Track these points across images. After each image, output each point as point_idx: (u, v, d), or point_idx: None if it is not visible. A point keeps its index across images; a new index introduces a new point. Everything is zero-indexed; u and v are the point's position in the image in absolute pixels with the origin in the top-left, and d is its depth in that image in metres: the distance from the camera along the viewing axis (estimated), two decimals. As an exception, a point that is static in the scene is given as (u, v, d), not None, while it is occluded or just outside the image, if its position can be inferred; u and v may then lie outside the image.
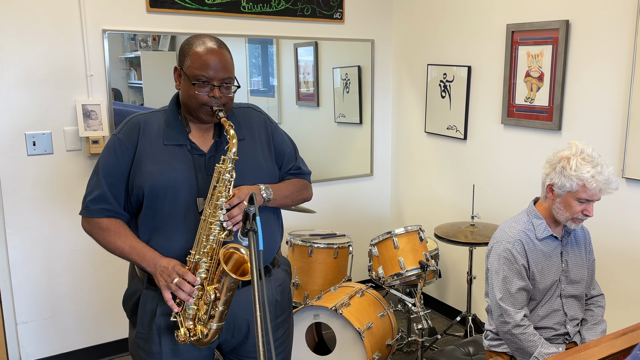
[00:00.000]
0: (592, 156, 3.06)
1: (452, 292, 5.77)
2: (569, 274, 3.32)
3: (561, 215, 3.17)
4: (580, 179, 3.02)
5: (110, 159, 2.68)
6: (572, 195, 3.08)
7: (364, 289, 4.60)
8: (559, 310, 3.32)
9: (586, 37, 4.19)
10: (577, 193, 3.06)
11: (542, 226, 3.25)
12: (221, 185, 2.54)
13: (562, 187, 3.09)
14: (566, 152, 3.12)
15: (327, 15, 5.54)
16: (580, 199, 3.08)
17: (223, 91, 2.62)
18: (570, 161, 3.05)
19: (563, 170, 3.06)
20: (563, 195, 3.12)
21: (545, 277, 3.25)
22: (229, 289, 2.51)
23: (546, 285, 3.26)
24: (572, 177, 3.03)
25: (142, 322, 2.72)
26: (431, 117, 5.65)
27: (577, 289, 3.36)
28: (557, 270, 3.28)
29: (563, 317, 3.33)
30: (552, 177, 3.12)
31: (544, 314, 3.31)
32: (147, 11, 4.72)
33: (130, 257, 2.65)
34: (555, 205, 3.17)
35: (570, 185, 3.05)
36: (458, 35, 5.25)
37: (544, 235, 3.24)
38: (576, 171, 3.02)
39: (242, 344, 2.81)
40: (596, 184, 3.01)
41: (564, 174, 3.06)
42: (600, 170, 3.02)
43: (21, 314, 4.65)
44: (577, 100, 4.30)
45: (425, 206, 5.94)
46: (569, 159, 3.07)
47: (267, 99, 5.51)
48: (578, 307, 3.39)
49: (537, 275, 3.23)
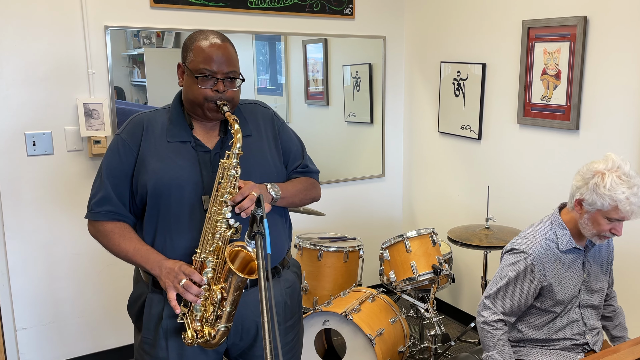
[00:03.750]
0: (629, 175, 2.97)
1: (466, 297, 5.77)
2: (589, 284, 3.28)
3: (587, 231, 3.10)
4: (613, 199, 2.93)
5: (113, 159, 2.71)
6: (602, 214, 3.00)
7: (375, 294, 4.61)
8: (578, 320, 3.29)
9: (604, 34, 4.20)
10: (607, 212, 2.98)
11: (565, 237, 3.19)
12: (226, 182, 2.55)
13: (592, 204, 3.00)
14: (601, 165, 3.01)
15: (337, 11, 5.56)
16: (610, 218, 3.01)
17: (227, 85, 2.65)
18: (605, 178, 2.95)
19: (596, 187, 2.96)
20: (592, 212, 3.03)
21: (564, 289, 3.21)
22: (237, 289, 2.53)
23: (565, 297, 3.22)
24: (604, 196, 2.94)
25: (147, 327, 2.74)
26: (444, 116, 5.66)
27: (597, 299, 3.33)
28: (577, 282, 3.24)
29: (582, 328, 3.30)
30: (583, 192, 3.03)
31: (562, 325, 3.28)
32: (150, 7, 4.75)
33: (134, 259, 2.67)
34: (583, 220, 3.09)
35: (602, 204, 2.96)
36: (472, 31, 5.26)
37: (567, 248, 3.18)
38: (610, 190, 2.92)
39: (250, 347, 2.83)
40: (630, 206, 2.94)
41: (597, 191, 2.96)
42: (637, 192, 2.93)
43: (21, 320, 4.67)
44: (596, 99, 4.30)
45: (438, 208, 5.94)
46: (603, 176, 2.96)
47: (275, 98, 5.53)
48: (596, 316, 3.38)
49: (555, 287, 3.19)
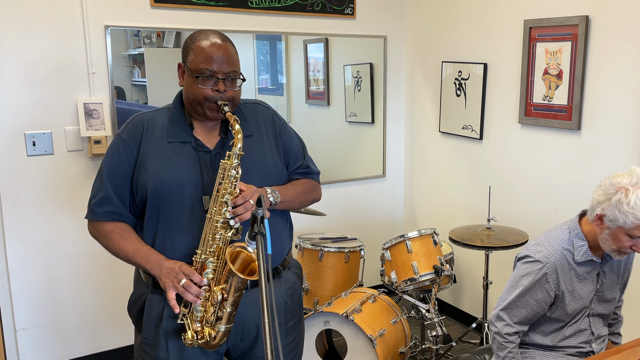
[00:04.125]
0: None
1: (468, 297, 5.78)
2: (602, 294, 3.24)
3: (607, 246, 3.02)
4: (637, 218, 2.84)
5: (114, 159, 2.72)
6: (624, 231, 2.91)
7: (376, 295, 4.61)
8: (586, 329, 3.26)
9: (607, 33, 4.20)
10: (630, 230, 2.89)
11: (582, 249, 3.12)
12: (227, 182, 2.55)
13: (614, 221, 2.91)
14: (625, 180, 2.91)
15: (338, 10, 5.56)
16: (632, 236, 2.92)
17: (228, 85, 2.65)
18: (629, 195, 2.84)
19: (619, 204, 2.86)
20: (613, 228, 2.94)
21: (576, 299, 3.17)
22: (237, 289, 2.53)
23: (575, 308, 3.18)
24: (628, 213, 2.84)
25: (148, 327, 2.74)
26: (446, 116, 5.66)
27: (607, 308, 3.30)
28: (589, 294, 3.19)
29: (590, 337, 3.27)
30: (605, 207, 2.93)
31: (569, 333, 3.25)
32: (151, 6, 4.75)
33: (134, 260, 2.68)
34: (603, 235, 3.00)
35: (624, 221, 2.86)
36: (474, 31, 5.26)
37: (583, 259, 3.12)
38: (634, 209, 2.83)
39: (251, 348, 2.84)
40: None
41: (620, 209, 2.86)
42: None
43: (20, 321, 4.67)
44: (598, 99, 4.30)
45: (440, 209, 5.95)
46: (627, 192, 2.85)
47: (276, 98, 5.53)
48: (604, 325, 3.35)
49: (567, 297, 3.15)
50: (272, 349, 1.86)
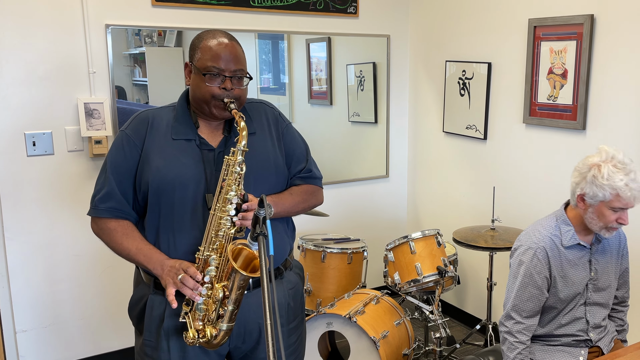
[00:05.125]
0: (624, 162, 3.03)
1: (472, 299, 5.78)
2: (597, 282, 3.31)
3: (594, 225, 3.14)
4: (613, 188, 2.98)
5: (118, 155, 2.73)
6: (606, 205, 3.04)
7: (379, 296, 4.61)
8: (582, 318, 3.32)
9: (612, 32, 4.19)
10: (610, 202, 3.03)
11: (569, 233, 3.23)
12: (231, 179, 2.57)
13: (594, 197, 3.05)
14: (596, 158, 3.08)
15: (341, 9, 5.56)
16: (614, 208, 3.04)
17: (235, 83, 2.67)
18: (602, 169, 3.01)
19: (594, 179, 3.02)
20: (595, 205, 3.07)
21: (569, 286, 3.24)
22: (239, 287, 2.53)
23: (569, 294, 3.26)
24: (604, 186, 2.99)
25: (149, 329, 2.75)
26: (449, 116, 5.66)
27: (603, 297, 3.35)
28: (583, 280, 3.26)
29: (585, 325, 3.33)
30: (583, 186, 3.08)
31: (565, 322, 3.32)
32: (152, 5, 4.75)
33: (136, 259, 2.68)
34: (588, 215, 3.14)
35: (603, 195, 3.01)
36: (478, 30, 5.26)
37: (570, 243, 3.22)
38: (608, 180, 2.98)
39: (253, 350, 2.84)
40: (630, 192, 2.98)
41: (596, 183, 3.01)
42: (634, 178, 2.99)
43: (20, 322, 4.68)
44: (603, 99, 4.30)
45: (443, 209, 5.95)
46: (599, 167, 3.02)
47: (278, 97, 5.53)
48: (602, 314, 3.39)
49: (559, 283, 3.23)
50: (274, 351, 1.86)
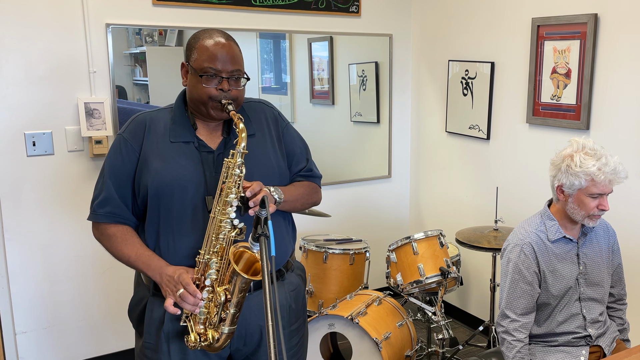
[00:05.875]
0: (594, 149, 3.16)
1: (475, 300, 5.77)
2: (588, 277, 3.37)
3: (577, 215, 3.24)
4: (587, 173, 3.10)
5: (116, 159, 2.72)
6: (584, 192, 3.16)
7: (381, 297, 4.61)
8: (578, 314, 3.37)
9: (615, 32, 4.19)
10: (587, 189, 3.14)
11: (554, 228, 3.33)
12: (231, 181, 2.55)
13: (571, 187, 3.18)
14: (568, 150, 3.22)
15: (343, 8, 5.56)
16: (592, 194, 3.15)
17: (232, 84, 2.66)
18: (574, 158, 3.14)
19: (568, 168, 3.15)
20: (574, 194, 3.20)
21: (559, 280, 3.31)
22: (241, 290, 2.52)
23: (560, 289, 3.32)
24: (578, 173, 3.12)
25: (149, 331, 2.74)
26: (452, 116, 5.65)
27: (598, 292, 3.40)
28: (572, 274, 3.33)
29: (582, 321, 3.37)
30: (560, 177, 3.22)
31: (562, 319, 3.37)
32: (153, 4, 4.75)
33: (136, 265, 2.68)
34: (569, 205, 3.25)
35: (579, 182, 3.13)
36: (481, 29, 5.25)
37: (556, 237, 3.31)
38: (581, 167, 3.11)
39: (254, 353, 2.83)
40: (604, 175, 3.09)
41: (570, 172, 3.15)
42: (606, 162, 3.10)
43: (20, 324, 4.68)
44: (606, 98, 4.30)
45: (446, 210, 5.94)
46: (572, 156, 3.16)
47: (280, 97, 5.53)
48: (599, 309, 3.43)
49: (548, 277, 3.30)
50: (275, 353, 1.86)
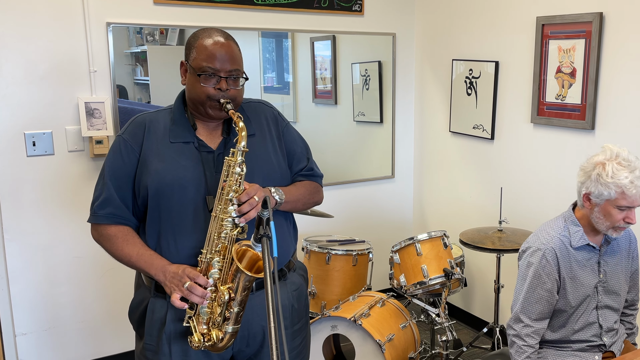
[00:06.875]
0: (628, 160, 3.03)
1: (479, 301, 5.77)
2: (607, 285, 3.30)
3: (601, 225, 3.14)
4: (618, 186, 2.99)
5: (116, 160, 2.73)
6: (612, 204, 3.05)
7: (384, 299, 4.61)
8: (595, 322, 3.30)
9: (621, 31, 4.19)
10: (616, 201, 3.03)
11: (578, 234, 3.23)
12: (231, 180, 2.56)
13: (599, 196, 3.06)
14: (600, 157, 3.09)
15: (346, 7, 5.56)
16: (621, 207, 3.04)
17: (230, 83, 2.67)
18: (606, 167, 3.02)
19: (599, 177, 3.03)
20: (601, 204, 3.08)
21: (578, 287, 3.23)
22: (244, 288, 2.53)
23: (578, 296, 3.24)
24: (609, 184, 3.00)
25: (150, 333, 2.75)
26: (456, 115, 5.65)
27: (615, 300, 3.34)
28: (591, 282, 3.25)
29: (598, 330, 3.32)
30: (588, 185, 3.09)
31: (579, 327, 3.30)
32: (154, 3, 4.75)
33: (137, 265, 2.68)
34: (594, 214, 3.14)
35: (609, 193, 3.02)
36: (485, 28, 5.25)
37: (579, 244, 3.22)
38: (613, 178, 2.99)
39: (257, 354, 2.84)
40: (636, 189, 2.99)
41: (600, 181, 3.02)
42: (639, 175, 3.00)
43: (20, 325, 4.68)
44: (612, 98, 4.29)
45: (450, 210, 5.94)
46: (604, 165, 3.03)
47: (282, 97, 5.52)
48: (614, 317, 3.38)
49: (568, 285, 3.22)
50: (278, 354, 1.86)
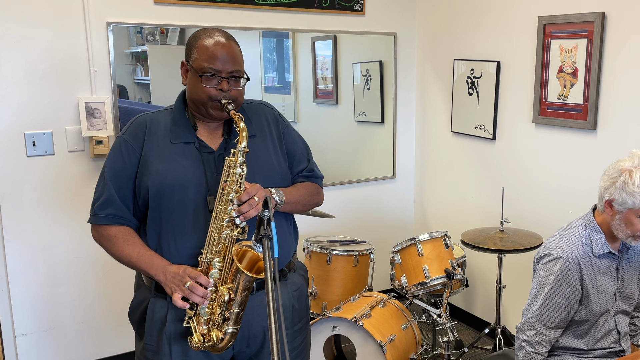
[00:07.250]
0: None
1: (480, 302, 5.77)
2: (623, 290, 3.26)
3: (621, 232, 3.09)
4: None
5: (116, 161, 2.73)
6: (635, 213, 2.99)
7: (385, 299, 4.61)
8: (613, 329, 3.28)
9: (623, 30, 4.19)
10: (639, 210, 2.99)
11: (600, 242, 3.16)
12: (232, 180, 2.57)
13: (622, 204, 2.99)
14: (627, 163, 3.01)
15: (347, 6, 5.56)
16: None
17: (232, 84, 2.68)
18: (633, 175, 2.95)
19: (625, 185, 2.96)
20: (624, 212, 3.02)
21: (600, 295, 3.17)
22: (245, 289, 2.53)
23: (601, 305, 3.19)
24: (635, 193, 2.93)
25: (150, 333, 2.75)
26: (458, 115, 5.65)
27: (629, 304, 3.32)
28: (612, 289, 3.21)
29: (617, 336, 3.29)
30: (612, 192, 3.02)
31: (601, 335, 3.26)
32: (154, 3, 4.75)
33: (138, 265, 2.68)
34: (615, 221, 3.08)
35: (633, 202, 2.95)
36: (487, 28, 5.25)
37: (601, 252, 3.16)
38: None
39: (257, 354, 2.84)
40: None
41: (626, 189, 2.95)
42: None
43: (20, 326, 4.68)
44: (614, 98, 4.29)
45: (451, 211, 5.94)
46: (631, 173, 2.96)
47: (283, 97, 5.52)
48: (627, 321, 3.35)
49: (591, 293, 3.16)
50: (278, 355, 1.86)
